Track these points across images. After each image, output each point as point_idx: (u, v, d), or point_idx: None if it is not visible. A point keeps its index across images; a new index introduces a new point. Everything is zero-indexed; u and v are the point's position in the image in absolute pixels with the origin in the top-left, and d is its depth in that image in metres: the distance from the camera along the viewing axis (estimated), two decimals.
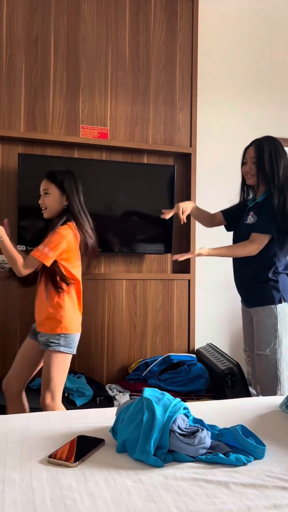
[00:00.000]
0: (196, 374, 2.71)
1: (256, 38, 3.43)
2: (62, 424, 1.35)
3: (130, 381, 2.76)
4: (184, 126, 3.09)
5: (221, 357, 2.74)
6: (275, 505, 0.93)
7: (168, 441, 1.13)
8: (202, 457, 1.12)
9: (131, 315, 2.96)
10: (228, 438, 1.19)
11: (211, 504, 0.93)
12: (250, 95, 3.40)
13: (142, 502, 0.93)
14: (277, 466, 1.10)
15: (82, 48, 2.90)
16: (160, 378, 2.71)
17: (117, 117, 2.97)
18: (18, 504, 0.92)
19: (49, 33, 2.84)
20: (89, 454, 1.14)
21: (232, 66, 3.37)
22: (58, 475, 1.04)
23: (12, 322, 2.76)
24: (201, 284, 3.24)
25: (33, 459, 1.12)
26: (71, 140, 2.84)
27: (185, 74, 3.09)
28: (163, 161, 3.10)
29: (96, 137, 2.91)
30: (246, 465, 1.10)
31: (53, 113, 2.85)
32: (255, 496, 0.97)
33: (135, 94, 3.00)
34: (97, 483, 1.01)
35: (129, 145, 2.96)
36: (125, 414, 1.22)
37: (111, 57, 2.95)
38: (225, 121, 3.34)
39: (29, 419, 1.38)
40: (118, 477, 1.04)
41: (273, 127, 3.45)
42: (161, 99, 3.05)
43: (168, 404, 1.21)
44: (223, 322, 3.30)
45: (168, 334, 3.02)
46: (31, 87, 2.81)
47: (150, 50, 3.02)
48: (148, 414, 1.17)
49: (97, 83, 2.93)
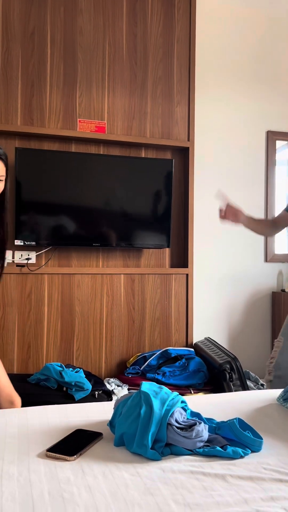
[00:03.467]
0: (194, 368, 2.72)
1: (255, 30, 3.40)
2: (60, 418, 1.35)
3: (128, 375, 2.77)
4: (182, 120, 3.08)
5: (219, 351, 2.75)
6: (272, 497, 0.94)
7: (166, 435, 1.13)
8: (200, 450, 1.12)
9: (129, 310, 2.97)
10: (225, 431, 1.19)
11: (208, 496, 0.94)
12: (249, 88, 3.39)
13: (139, 495, 0.94)
14: (274, 459, 1.11)
15: (79, 41, 2.88)
16: (158, 372, 2.72)
17: (114, 110, 2.95)
18: (16, 497, 0.92)
19: (45, 26, 2.82)
20: (87, 448, 1.14)
21: (230, 59, 3.35)
22: (56, 468, 1.05)
23: (10, 316, 2.76)
24: (199, 279, 3.25)
25: (31, 453, 1.12)
26: (69, 134, 2.83)
27: (183, 67, 3.07)
28: (161, 155, 3.09)
29: (93, 131, 2.90)
30: (243, 458, 1.11)
31: (50, 106, 2.83)
32: (252, 488, 0.97)
33: (132, 87, 2.98)
34: (95, 476, 1.02)
35: (127, 139, 2.94)
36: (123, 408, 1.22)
37: (108, 49, 2.93)
38: (224, 114, 3.33)
39: (27, 413, 1.39)
40: (116, 470, 1.04)
41: (272, 120, 3.44)
42: (159, 93, 3.03)
43: (166, 397, 1.21)
44: (221, 316, 3.30)
45: (166, 328, 3.03)
46: (27, 80, 2.79)
47: (147, 42, 3.00)
48: (145, 407, 1.17)
49: (94, 76, 2.91)
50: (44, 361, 2.79)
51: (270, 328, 3.40)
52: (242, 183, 3.36)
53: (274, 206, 3.41)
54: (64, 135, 2.83)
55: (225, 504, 0.91)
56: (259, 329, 3.38)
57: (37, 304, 2.80)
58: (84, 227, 2.85)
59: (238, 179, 3.36)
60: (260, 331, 3.38)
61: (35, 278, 2.80)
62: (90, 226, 2.87)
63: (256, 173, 3.39)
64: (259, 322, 3.38)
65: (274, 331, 3.36)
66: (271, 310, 3.40)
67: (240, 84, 3.38)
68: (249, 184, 3.37)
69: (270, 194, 3.41)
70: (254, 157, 3.39)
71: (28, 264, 2.79)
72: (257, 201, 3.39)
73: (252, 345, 3.36)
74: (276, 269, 3.43)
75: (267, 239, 3.39)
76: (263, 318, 3.39)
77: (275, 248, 3.42)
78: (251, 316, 3.37)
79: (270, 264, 3.42)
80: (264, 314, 3.39)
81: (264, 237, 3.40)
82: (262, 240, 3.40)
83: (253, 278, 3.37)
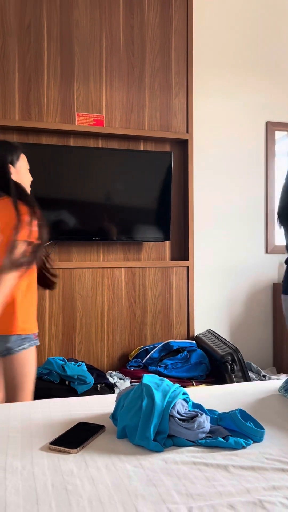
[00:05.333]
0: (196, 360, 2.73)
1: (253, 20, 3.37)
2: (62, 411, 1.36)
3: (130, 368, 2.78)
4: (181, 112, 3.06)
5: (221, 343, 2.75)
6: (273, 486, 0.95)
7: (168, 426, 1.14)
8: (202, 441, 1.13)
9: (130, 303, 2.97)
10: (227, 422, 1.20)
11: (210, 487, 0.94)
12: (248, 78, 3.36)
13: (142, 487, 0.94)
14: (276, 449, 1.11)
15: (76, 34, 2.85)
16: (160, 364, 2.73)
17: (112, 103, 2.93)
18: (20, 490, 0.93)
19: (41, 19, 2.79)
20: (89, 440, 1.15)
21: (229, 50, 3.33)
22: (59, 461, 1.05)
23: None
24: (200, 271, 3.25)
25: (34, 447, 1.13)
26: (67, 128, 2.82)
27: (181, 59, 3.05)
28: (160, 147, 3.07)
29: (91, 124, 2.88)
30: (245, 448, 1.12)
31: (47, 101, 2.82)
32: (254, 478, 0.98)
33: (130, 80, 2.96)
34: (98, 468, 1.02)
35: (125, 132, 2.93)
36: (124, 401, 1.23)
37: (105, 42, 2.91)
38: (222, 105, 3.31)
39: (30, 407, 1.40)
40: (119, 462, 1.05)
41: (271, 111, 3.42)
42: (157, 85, 3.02)
43: (167, 389, 1.22)
44: (222, 308, 3.31)
45: (167, 321, 3.04)
46: (24, 75, 2.77)
47: (144, 34, 2.98)
48: (147, 400, 1.18)
49: (92, 69, 2.89)
50: (46, 356, 2.80)
51: (271, 319, 3.40)
52: (242, 174, 3.35)
53: (274, 197, 3.40)
54: (62, 129, 2.81)
55: (227, 494, 0.92)
56: (261, 320, 3.39)
57: (38, 299, 2.80)
58: (84, 221, 2.85)
59: (237, 170, 3.34)
60: (262, 322, 3.39)
61: None
62: (90, 220, 2.86)
63: (255, 164, 3.38)
64: (261, 313, 3.39)
65: (275, 322, 3.37)
66: (272, 301, 3.40)
67: (239, 75, 3.35)
68: (249, 176, 3.36)
69: (270, 185, 3.40)
70: (253, 148, 3.37)
71: None
72: (257, 192, 3.38)
73: (254, 336, 3.37)
74: (276, 260, 3.43)
75: (268, 230, 3.39)
76: (265, 310, 3.39)
77: (275, 239, 3.42)
78: (252, 307, 3.37)
79: (270, 255, 3.42)
80: (265, 305, 3.40)
81: (264, 228, 3.39)
82: (263, 232, 3.39)
83: (254, 269, 3.37)
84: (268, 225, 3.39)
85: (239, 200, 3.33)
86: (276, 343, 3.35)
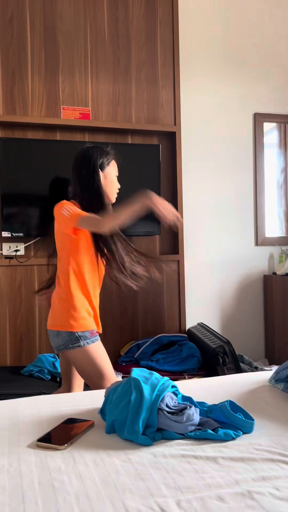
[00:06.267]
0: (188, 354, 2.72)
1: (240, 11, 3.35)
2: (51, 408, 1.34)
3: (122, 363, 2.77)
4: (168, 104, 3.03)
5: (212, 336, 2.75)
6: (263, 477, 0.94)
7: (157, 420, 1.13)
8: (191, 434, 1.12)
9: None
10: (217, 414, 1.19)
11: (199, 479, 0.93)
12: (235, 70, 3.34)
13: (130, 481, 0.93)
14: (265, 439, 1.11)
15: (59, 26, 2.81)
16: (152, 359, 2.72)
17: (98, 96, 2.90)
18: (6, 488, 0.92)
19: (24, 11, 2.75)
20: (78, 437, 1.13)
21: (215, 41, 3.30)
22: (47, 458, 1.04)
23: (1, 309, 2.74)
24: (191, 265, 3.24)
25: (22, 444, 1.11)
26: (52, 122, 2.78)
27: (167, 50, 3.02)
28: (148, 140, 3.05)
29: (78, 118, 2.85)
30: (235, 440, 1.11)
31: (32, 94, 2.78)
32: (243, 469, 0.97)
33: (116, 72, 2.93)
34: (86, 464, 1.01)
35: (112, 125, 2.90)
36: (113, 395, 1.22)
37: (90, 34, 2.87)
38: (210, 97, 3.29)
39: (19, 404, 1.38)
40: (107, 457, 1.04)
41: (258, 102, 3.40)
42: (143, 77, 2.99)
43: (156, 383, 1.21)
44: (213, 301, 3.30)
45: (159, 315, 3.02)
46: (8, 68, 2.73)
47: (129, 26, 2.94)
48: (136, 393, 1.16)
49: (77, 61, 2.85)
50: (37, 353, 2.78)
51: (262, 311, 3.41)
52: (230, 166, 3.33)
53: (264, 189, 3.39)
54: (48, 123, 2.78)
55: (216, 485, 0.91)
56: (252, 312, 3.39)
57: (27, 295, 2.78)
58: None
59: (226, 162, 3.33)
60: (253, 315, 3.39)
61: (25, 269, 2.78)
62: None
63: (244, 156, 3.36)
64: (252, 305, 3.39)
65: (266, 314, 3.37)
66: (263, 294, 3.40)
67: (226, 66, 3.33)
68: (237, 168, 3.35)
69: (259, 177, 3.39)
70: (242, 139, 3.36)
71: (16, 256, 2.76)
72: (246, 184, 3.37)
73: (245, 328, 3.37)
74: (267, 253, 3.43)
75: (257, 222, 3.38)
76: (256, 302, 3.40)
77: (265, 232, 3.42)
78: (243, 300, 3.37)
79: (261, 248, 3.41)
80: (256, 297, 3.40)
81: (254, 221, 3.38)
82: (253, 224, 3.39)
83: (245, 262, 3.37)
84: (257, 217, 3.38)
85: (228, 193, 3.32)
86: (267, 334, 3.36)
